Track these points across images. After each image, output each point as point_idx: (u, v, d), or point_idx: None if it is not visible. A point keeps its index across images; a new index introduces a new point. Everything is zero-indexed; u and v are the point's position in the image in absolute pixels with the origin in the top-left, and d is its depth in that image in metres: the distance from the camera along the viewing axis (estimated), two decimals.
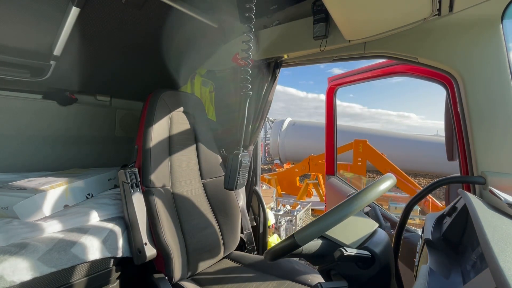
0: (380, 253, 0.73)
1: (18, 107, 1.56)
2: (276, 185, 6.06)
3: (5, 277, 0.89)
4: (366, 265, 0.73)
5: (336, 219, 0.63)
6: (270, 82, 1.71)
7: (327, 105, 2.39)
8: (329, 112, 2.38)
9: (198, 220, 1.51)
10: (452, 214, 0.83)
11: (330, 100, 2.36)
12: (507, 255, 0.42)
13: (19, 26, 1.17)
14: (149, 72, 1.89)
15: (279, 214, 3.89)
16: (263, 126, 1.87)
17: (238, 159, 1.16)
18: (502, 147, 0.95)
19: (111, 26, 1.38)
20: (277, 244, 0.69)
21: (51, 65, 1.38)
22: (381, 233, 0.82)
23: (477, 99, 1.00)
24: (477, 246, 0.52)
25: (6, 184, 1.32)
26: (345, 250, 0.66)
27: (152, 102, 1.45)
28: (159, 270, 1.33)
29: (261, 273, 1.42)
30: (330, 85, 2.33)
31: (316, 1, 1.39)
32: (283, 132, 12.65)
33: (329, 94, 2.35)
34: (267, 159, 15.01)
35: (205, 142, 1.68)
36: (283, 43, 1.58)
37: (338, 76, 2.27)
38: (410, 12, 1.03)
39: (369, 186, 0.71)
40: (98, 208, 1.34)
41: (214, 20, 1.70)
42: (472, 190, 1.04)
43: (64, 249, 1.06)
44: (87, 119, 1.88)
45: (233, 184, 1.17)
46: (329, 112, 2.38)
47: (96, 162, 1.96)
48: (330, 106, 2.36)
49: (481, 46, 0.99)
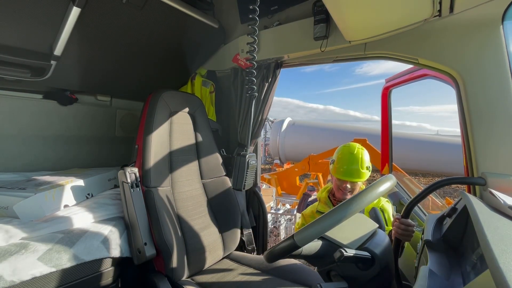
0: (380, 254, 0.73)
1: (19, 106, 1.56)
2: (276, 184, 6.05)
3: (5, 277, 0.89)
4: (366, 266, 0.73)
5: (335, 220, 0.63)
6: (271, 83, 1.71)
7: (382, 106, 2.32)
8: (384, 113, 2.31)
9: (198, 220, 1.51)
10: (452, 215, 0.83)
11: (385, 100, 2.28)
12: (507, 257, 0.42)
13: (20, 26, 1.17)
14: (149, 72, 1.89)
15: (278, 213, 3.90)
16: (263, 126, 1.87)
17: (245, 160, 1.17)
18: (503, 148, 0.95)
19: (112, 26, 1.38)
20: (277, 245, 0.68)
21: (51, 65, 1.38)
22: (381, 234, 0.82)
23: (478, 100, 1.00)
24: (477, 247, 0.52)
25: (6, 184, 1.32)
26: (345, 251, 0.66)
27: (152, 102, 1.45)
28: (159, 270, 1.33)
29: (261, 274, 1.42)
30: (386, 86, 2.26)
31: (316, 1, 1.39)
32: (283, 132, 12.66)
33: (384, 94, 2.29)
34: (267, 159, 15.01)
35: (205, 142, 1.68)
36: (284, 44, 1.58)
37: (394, 77, 2.22)
38: (411, 13, 1.03)
39: (369, 187, 0.71)
40: (98, 208, 1.34)
41: (214, 21, 1.70)
42: (473, 191, 1.04)
43: (64, 249, 1.06)
44: (87, 119, 1.88)
45: (241, 184, 1.18)
46: (384, 113, 2.32)
47: (96, 162, 1.96)
48: (385, 107, 2.29)
49: (481, 47, 0.99)
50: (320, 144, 10.15)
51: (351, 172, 1.51)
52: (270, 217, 3.60)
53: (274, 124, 13.56)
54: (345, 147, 1.61)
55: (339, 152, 1.60)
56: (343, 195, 1.57)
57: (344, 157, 1.56)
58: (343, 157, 1.57)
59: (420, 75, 1.69)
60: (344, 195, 1.57)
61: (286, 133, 12.63)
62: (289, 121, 13.29)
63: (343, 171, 1.52)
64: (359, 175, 1.51)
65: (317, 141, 11.36)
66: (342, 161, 1.55)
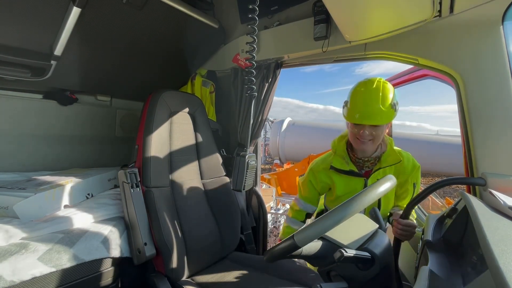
0: (380, 254, 0.73)
1: (19, 106, 1.56)
2: (276, 184, 6.06)
3: (5, 277, 0.89)
4: (366, 266, 0.73)
5: (336, 221, 0.63)
6: (271, 83, 1.71)
7: None
8: None
9: (198, 220, 1.51)
10: (452, 215, 0.83)
11: None
12: (507, 257, 0.42)
13: (20, 26, 1.17)
14: (149, 72, 1.89)
15: (278, 213, 3.91)
16: (263, 126, 1.87)
17: (245, 160, 1.17)
18: (503, 148, 0.95)
19: (112, 26, 1.38)
20: (277, 245, 0.68)
21: (51, 65, 1.38)
22: (381, 234, 0.82)
23: (477, 100, 1.00)
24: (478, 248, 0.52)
25: (6, 184, 1.32)
26: (345, 251, 0.66)
27: (152, 102, 1.45)
28: (159, 270, 1.33)
29: (260, 274, 1.42)
30: None
31: (316, 2, 1.39)
32: (283, 132, 12.67)
33: None
34: (267, 159, 15.01)
35: (205, 142, 1.68)
36: (284, 44, 1.58)
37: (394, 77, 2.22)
38: (411, 14, 1.03)
39: (369, 187, 0.71)
40: (98, 208, 1.34)
41: (214, 21, 1.70)
42: (473, 191, 1.04)
43: (64, 249, 1.06)
44: (88, 119, 1.88)
45: (241, 185, 1.18)
46: None
47: (96, 162, 1.96)
48: None
49: (481, 47, 0.99)
50: (320, 144, 10.15)
51: (370, 113, 1.14)
52: (270, 217, 3.61)
53: (274, 124, 13.56)
54: (362, 82, 1.23)
55: (353, 89, 1.24)
56: (361, 146, 1.23)
57: (360, 94, 1.19)
58: (359, 94, 1.20)
59: (420, 75, 1.69)
60: (362, 146, 1.23)
61: (286, 133, 12.63)
62: (289, 121, 13.29)
63: (359, 113, 1.16)
64: (382, 116, 1.14)
65: (317, 141, 11.36)
66: (357, 99, 1.19)
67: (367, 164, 1.33)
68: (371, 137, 1.20)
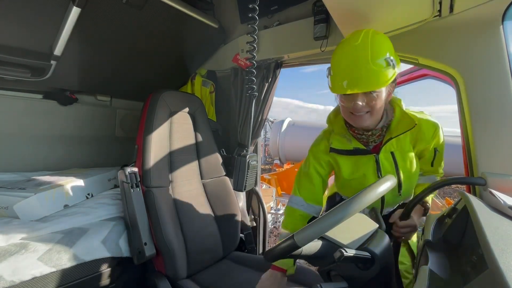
0: (380, 254, 0.73)
1: (19, 107, 1.57)
2: (276, 185, 6.06)
3: (5, 277, 0.89)
4: (366, 266, 0.73)
5: (336, 220, 0.63)
6: (271, 83, 1.71)
7: None
8: None
9: (198, 220, 1.51)
10: (452, 215, 0.83)
11: None
12: (507, 256, 0.42)
13: (20, 26, 1.17)
14: (149, 72, 1.89)
15: (278, 213, 3.91)
16: (263, 126, 1.87)
17: (246, 161, 1.17)
18: (503, 148, 0.95)
19: (112, 26, 1.38)
20: (277, 245, 0.68)
21: (51, 65, 1.38)
22: (381, 234, 0.82)
23: (477, 100, 1.00)
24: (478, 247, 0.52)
25: (6, 184, 1.32)
26: (345, 251, 0.66)
27: (152, 102, 1.45)
28: (159, 270, 1.33)
29: (260, 273, 1.42)
30: None
31: (316, 1, 1.39)
32: (283, 133, 12.65)
33: None
34: (267, 159, 15.00)
35: (205, 142, 1.68)
36: (284, 44, 1.58)
37: None
38: (411, 13, 1.03)
39: (369, 187, 0.71)
40: (98, 208, 1.34)
41: (214, 20, 1.70)
42: (473, 191, 1.04)
43: (64, 249, 1.06)
44: (87, 119, 1.88)
45: (242, 185, 1.18)
46: None
47: (96, 162, 1.96)
48: None
49: (481, 47, 0.99)
50: None
51: (358, 77, 0.87)
52: (270, 217, 3.61)
53: (274, 125, 13.54)
54: (345, 38, 0.95)
55: (336, 49, 0.96)
56: (358, 122, 0.98)
57: (343, 55, 0.92)
58: (342, 55, 0.92)
59: (420, 75, 1.69)
60: (360, 121, 0.98)
61: (286, 134, 12.61)
62: (289, 122, 13.26)
63: (346, 79, 0.89)
64: (375, 78, 0.86)
65: None
66: (341, 61, 0.92)
67: (372, 139, 1.06)
68: (367, 108, 0.93)
